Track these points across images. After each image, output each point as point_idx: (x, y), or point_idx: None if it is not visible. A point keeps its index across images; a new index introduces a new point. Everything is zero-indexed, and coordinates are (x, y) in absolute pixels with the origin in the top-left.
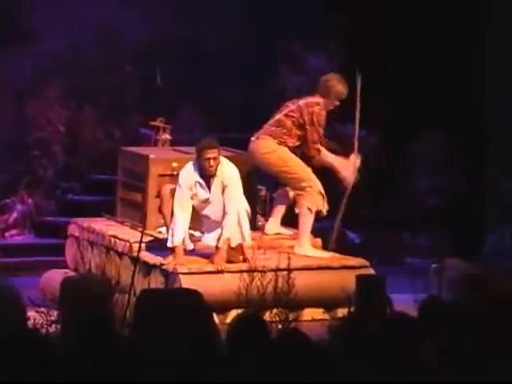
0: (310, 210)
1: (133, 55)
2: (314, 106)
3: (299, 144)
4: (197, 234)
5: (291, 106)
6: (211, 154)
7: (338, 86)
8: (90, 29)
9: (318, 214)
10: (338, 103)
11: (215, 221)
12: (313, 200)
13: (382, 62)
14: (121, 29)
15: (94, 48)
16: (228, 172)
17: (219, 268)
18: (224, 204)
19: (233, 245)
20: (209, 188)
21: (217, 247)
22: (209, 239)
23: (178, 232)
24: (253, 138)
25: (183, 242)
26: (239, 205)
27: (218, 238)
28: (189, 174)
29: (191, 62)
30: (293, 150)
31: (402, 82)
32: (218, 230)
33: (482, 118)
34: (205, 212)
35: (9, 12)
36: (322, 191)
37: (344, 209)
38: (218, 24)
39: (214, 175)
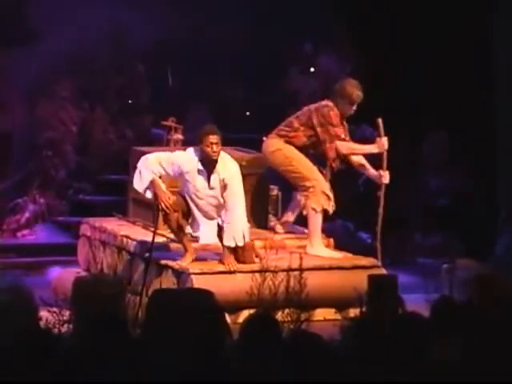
0: (314, 210)
1: (142, 55)
2: (324, 107)
3: (310, 144)
4: (195, 234)
5: (303, 109)
6: (214, 139)
7: (353, 90)
8: (97, 28)
9: (325, 213)
10: (352, 108)
11: (210, 216)
12: (317, 200)
13: (389, 63)
14: (129, 28)
15: (102, 48)
16: (230, 170)
17: (230, 268)
18: (226, 201)
19: (239, 243)
20: (208, 179)
21: (223, 247)
22: (206, 235)
23: (146, 177)
24: (264, 138)
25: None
26: (242, 203)
27: (221, 238)
28: (190, 160)
29: (202, 63)
30: (303, 149)
31: (410, 83)
32: (215, 227)
33: (491, 117)
34: (200, 204)
35: (16, 12)
36: (327, 191)
37: (382, 216)
38: (229, 24)
39: (215, 165)
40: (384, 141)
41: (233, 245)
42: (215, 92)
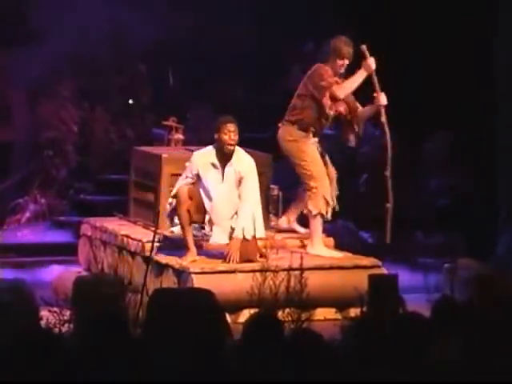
0: (311, 212)
1: (143, 55)
2: (313, 71)
3: (319, 117)
4: (206, 231)
5: (300, 85)
6: (232, 127)
7: (341, 45)
8: (98, 28)
9: (323, 216)
10: (344, 63)
11: (224, 212)
12: (315, 203)
13: (389, 62)
14: (129, 28)
15: (103, 47)
16: (245, 163)
17: (232, 260)
18: (240, 194)
19: (248, 236)
20: (222, 173)
21: (231, 238)
22: (218, 236)
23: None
24: (279, 124)
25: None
26: (256, 197)
27: (232, 230)
28: (205, 154)
29: (202, 63)
30: (316, 124)
31: (410, 83)
32: (228, 226)
33: (491, 117)
34: (214, 199)
35: (19, 12)
36: (328, 196)
37: (392, 194)
38: (229, 24)
39: (230, 158)
40: (370, 62)
41: (241, 236)
42: (216, 92)
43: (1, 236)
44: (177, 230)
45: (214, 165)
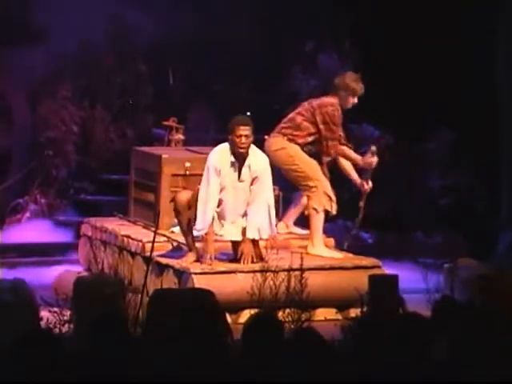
0: (316, 210)
1: (144, 55)
2: (328, 106)
3: (312, 141)
4: (219, 232)
5: (305, 105)
6: (244, 130)
7: (353, 83)
8: (100, 28)
9: (327, 213)
10: (355, 101)
11: (238, 210)
12: (318, 200)
13: (393, 61)
14: (132, 29)
15: (105, 48)
16: (261, 162)
17: (246, 262)
18: (253, 193)
19: (263, 237)
20: (239, 172)
21: (245, 240)
22: (231, 232)
23: (207, 217)
24: (266, 137)
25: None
26: (270, 196)
27: (244, 229)
28: (223, 151)
29: (203, 62)
30: (305, 147)
31: (412, 82)
32: (240, 223)
33: (494, 116)
34: (230, 197)
35: (21, 12)
36: (329, 192)
37: (363, 211)
38: (230, 24)
39: (246, 158)
40: (373, 160)
41: (257, 237)
42: (217, 92)
43: (1, 236)
44: (177, 229)
45: (231, 163)
